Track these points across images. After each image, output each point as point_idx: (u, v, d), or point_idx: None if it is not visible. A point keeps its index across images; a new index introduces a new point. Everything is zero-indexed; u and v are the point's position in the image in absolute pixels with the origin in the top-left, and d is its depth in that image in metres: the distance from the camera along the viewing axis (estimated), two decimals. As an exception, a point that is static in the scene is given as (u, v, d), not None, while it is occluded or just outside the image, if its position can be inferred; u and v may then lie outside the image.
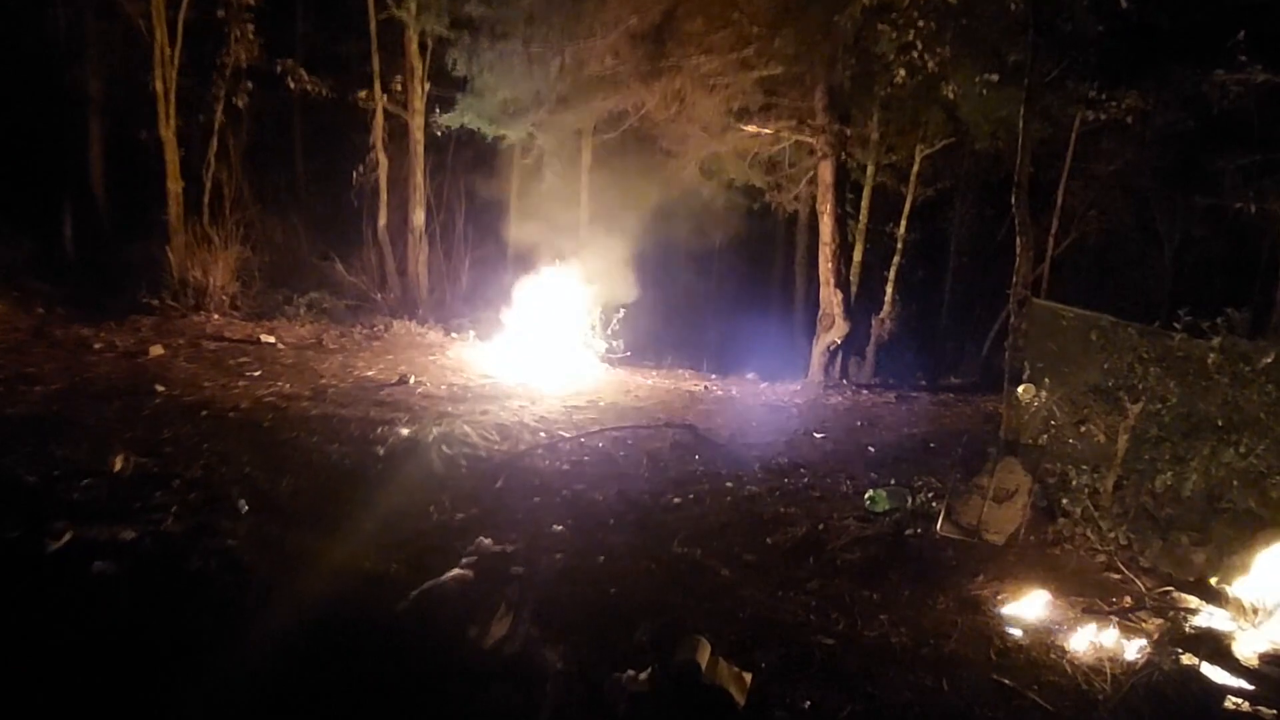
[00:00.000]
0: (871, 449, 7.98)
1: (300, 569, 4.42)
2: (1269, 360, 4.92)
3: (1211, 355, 5.09)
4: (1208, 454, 4.98)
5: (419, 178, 14.22)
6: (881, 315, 13.23)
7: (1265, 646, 3.98)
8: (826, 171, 12.04)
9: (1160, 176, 14.16)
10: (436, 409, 7.91)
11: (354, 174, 14.57)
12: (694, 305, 17.20)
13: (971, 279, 16.23)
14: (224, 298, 11.90)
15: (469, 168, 16.42)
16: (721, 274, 18.43)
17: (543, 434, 7.52)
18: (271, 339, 10.55)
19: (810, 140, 12.18)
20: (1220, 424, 5.09)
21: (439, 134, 14.30)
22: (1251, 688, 3.78)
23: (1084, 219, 14.86)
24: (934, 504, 6.07)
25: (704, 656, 3.05)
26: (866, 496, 6.25)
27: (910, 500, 6.23)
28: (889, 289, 13.51)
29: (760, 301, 18.41)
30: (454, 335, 12.43)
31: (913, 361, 13.68)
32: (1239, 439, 4.95)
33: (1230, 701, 3.74)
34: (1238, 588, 4.38)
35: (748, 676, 3.16)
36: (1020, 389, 6.01)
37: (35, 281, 11.45)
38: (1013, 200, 6.62)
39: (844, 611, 4.65)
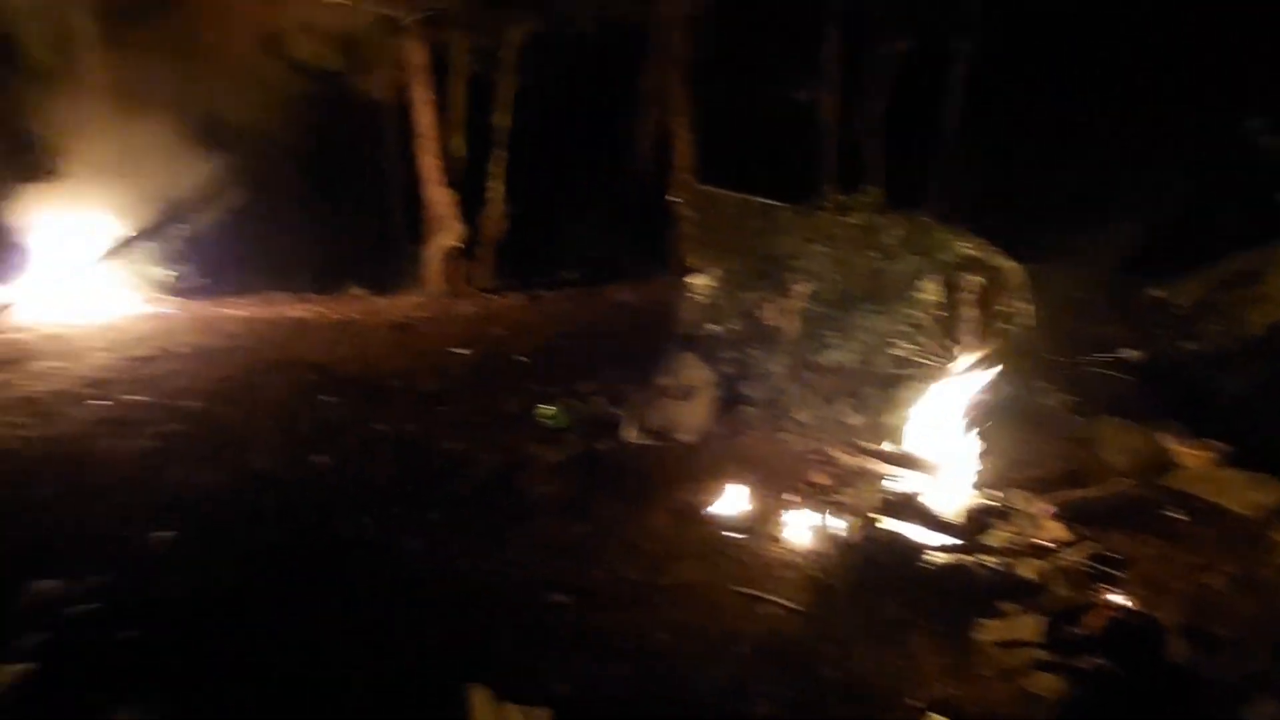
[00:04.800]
0: (524, 359, 7.33)
1: None
2: (902, 233, 5.26)
3: (856, 232, 5.30)
4: (860, 324, 5.25)
5: None
6: (494, 213, 12.42)
7: (952, 497, 4.27)
8: (417, 53, 10.65)
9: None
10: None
11: None
12: (276, 215, 14.47)
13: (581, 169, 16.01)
14: None
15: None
16: (305, 175, 15.71)
17: (103, 402, 5.49)
18: None
19: (394, 14, 10.60)
20: (863, 295, 5.39)
21: None
22: (949, 540, 4.01)
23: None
24: (610, 410, 5.68)
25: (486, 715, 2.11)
26: (544, 416, 5.62)
27: (585, 410, 5.76)
28: (498, 184, 12.67)
29: (351, 204, 16.26)
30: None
31: (535, 258, 13.13)
32: (883, 308, 5.28)
33: (936, 555, 3.92)
34: (910, 446, 4.67)
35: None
36: (694, 279, 5.78)
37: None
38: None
39: (566, 557, 4.02)
